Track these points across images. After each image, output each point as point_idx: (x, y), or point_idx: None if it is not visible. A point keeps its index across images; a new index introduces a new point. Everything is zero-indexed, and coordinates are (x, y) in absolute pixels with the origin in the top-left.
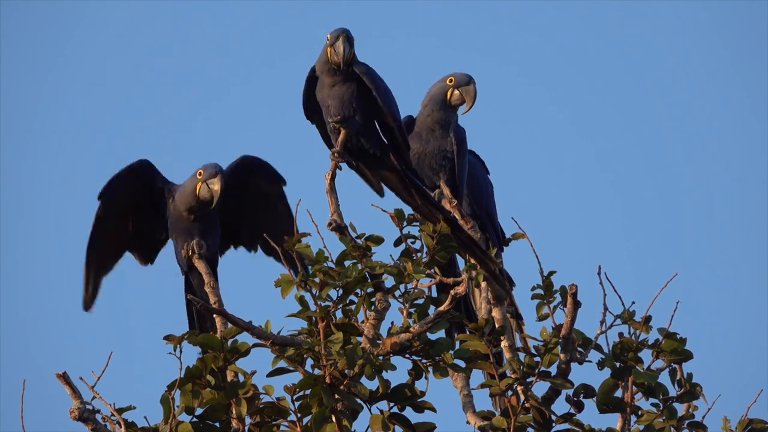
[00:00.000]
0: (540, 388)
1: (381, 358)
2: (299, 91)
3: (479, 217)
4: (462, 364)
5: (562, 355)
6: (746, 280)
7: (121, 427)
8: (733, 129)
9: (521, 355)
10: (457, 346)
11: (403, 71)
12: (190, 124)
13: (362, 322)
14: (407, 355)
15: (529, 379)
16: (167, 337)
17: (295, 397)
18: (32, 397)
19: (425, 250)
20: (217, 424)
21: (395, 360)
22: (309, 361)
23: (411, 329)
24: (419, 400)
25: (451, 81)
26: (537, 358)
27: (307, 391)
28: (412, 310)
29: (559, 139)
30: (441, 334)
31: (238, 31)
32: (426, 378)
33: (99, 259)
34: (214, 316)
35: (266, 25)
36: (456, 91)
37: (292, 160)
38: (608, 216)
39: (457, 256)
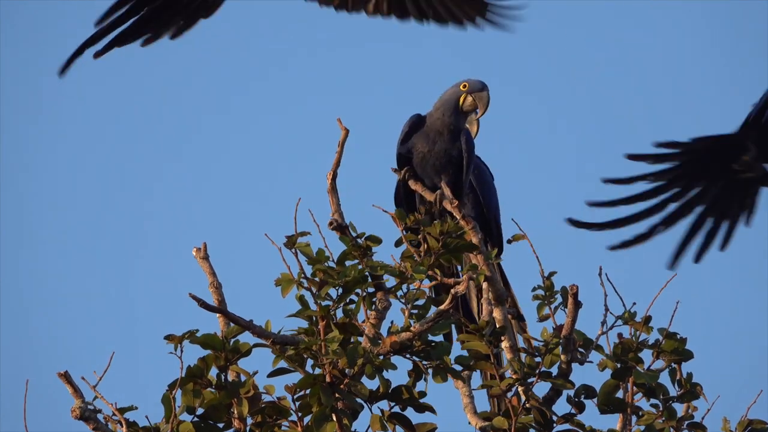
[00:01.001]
0: (541, 388)
1: (381, 357)
2: (300, 90)
3: (487, 221)
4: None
5: (562, 356)
6: (746, 281)
7: (122, 426)
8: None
9: (522, 356)
10: (458, 348)
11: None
12: (192, 124)
13: (363, 321)
14: (407, 356)
15: (530, 380)
16: (168, 337)
17: (295, 396)
18: (34, 396)
19: (426, 251)
20: (220, 425)
21: (396, 360)
22: (309, 361)
23: (411, 328)
24: (420, 400)
25: (464, 86)
26: (538, 359)
27: (308, 391)
28: (414, 311)
29: (560, 138)
30: (442, 336)
31: (239, 30)
32: (425, 380)
33: None
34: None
35: (268, 25)
36: (469, 97)
37: (294, 159)
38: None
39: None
